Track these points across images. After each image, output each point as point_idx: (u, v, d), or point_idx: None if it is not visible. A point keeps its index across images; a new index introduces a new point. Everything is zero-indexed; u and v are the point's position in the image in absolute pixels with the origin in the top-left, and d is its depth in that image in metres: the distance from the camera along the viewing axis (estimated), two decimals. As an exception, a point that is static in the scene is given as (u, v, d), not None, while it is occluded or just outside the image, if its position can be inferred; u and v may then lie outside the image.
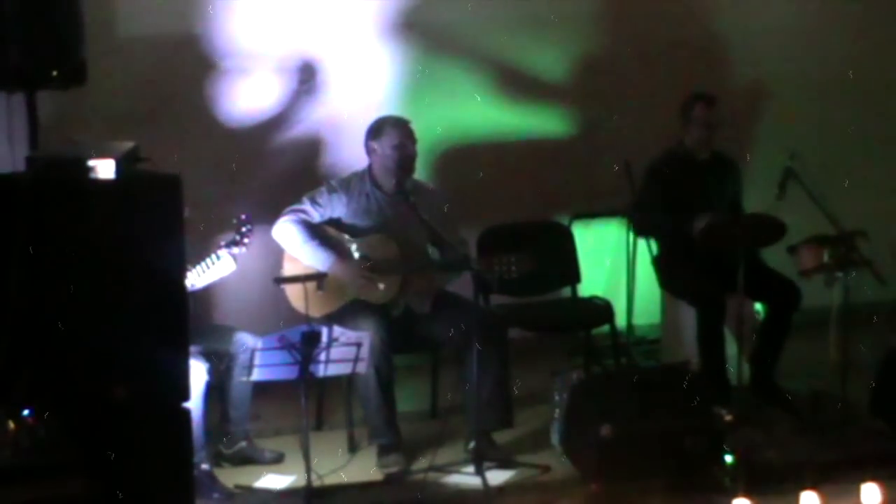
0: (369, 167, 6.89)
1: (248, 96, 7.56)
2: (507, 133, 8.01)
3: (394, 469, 6.52)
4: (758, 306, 7.44)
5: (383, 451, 6.60)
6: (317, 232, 6.75)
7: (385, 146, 6.81)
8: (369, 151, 6.87)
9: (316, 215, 6.79)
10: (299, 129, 7.68)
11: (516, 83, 8.01)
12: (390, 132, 6.82)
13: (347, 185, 6.87)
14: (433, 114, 7.74)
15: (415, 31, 7.80)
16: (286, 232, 6.74)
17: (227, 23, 7.49)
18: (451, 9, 7.82)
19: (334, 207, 6.81)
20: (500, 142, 8.00)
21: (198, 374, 6.13)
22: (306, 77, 7.65)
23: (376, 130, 6.85)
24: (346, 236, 6.77)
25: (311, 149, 7.71)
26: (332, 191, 6.84)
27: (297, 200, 6.83)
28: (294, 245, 6.72)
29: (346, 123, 7.54)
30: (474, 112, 7.93)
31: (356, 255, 6.72)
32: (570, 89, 8.11)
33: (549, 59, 8.07)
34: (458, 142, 7.91)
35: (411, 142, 6.85)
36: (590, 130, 8.12)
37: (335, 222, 6.81)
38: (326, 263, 6.67)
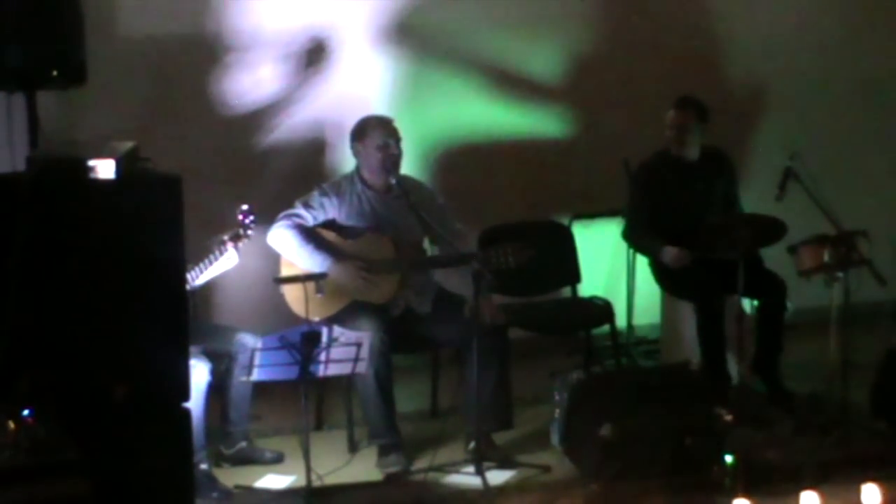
0: (357, 168, 6.88)
1: (248, 96, 7.56)
2: (507, 133, 8.01)
3: (394, 469, 6.52)
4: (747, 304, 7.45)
5: (383, 451, 6.59)
6: (312, 236, 6.73)
7: (369, 147, 6.79)
8: (355, 153, 6.85)
9: (310, 219, 6.77)
10: (300, 128, 7.68)
11: (516, 83, 8.01)
12: (373, 133, 6.80)
13: (338, 187, 6.85)
14: (432, 114, 7.74)
15: (415, 32, 7.80)
16: (281, 237, 6.72)
17: (226, 21, 7.49)
18: (452, 9, 7.82)
19: (327, 211, 6.80)
20: (500, 142, 8.00)
21: (199, 373, 6.13)
22: (314, 59, 7.66)
23: (360, 132, 6.84)
24: (341, 238, 6.76)
25: (312, 148, 7.71)
26: (323, 194, 6.81)
27: (291, 205, 6.81)
28: (290, 250, 6.71)
29: (346, 123, 7.53)
30: (474, 112, 7.92)
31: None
32: (570, 89, 8.10)
33: (550, 59, 8.07)
34: (457, 142, 7.91)
35: (395, 140, 6.82)
36: (589, 130, 8.12)
37: (330, 224, 6.80)
38: (323, 266, 6.65)
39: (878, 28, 8.51)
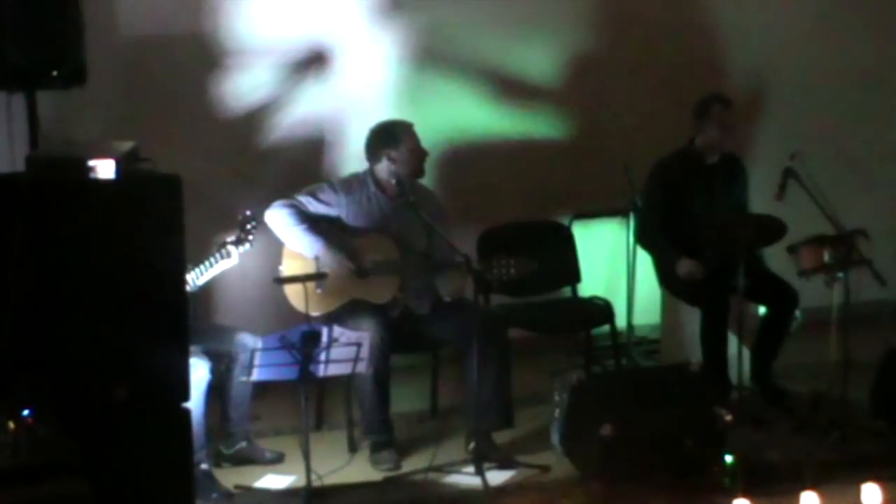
0: (371, 170, 6.86)
1: (248, 95, 7.56)
2: (507, 134, 8.01)
3: (386, 465, 6.52)
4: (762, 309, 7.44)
5: (375, 448, 6.61)
6: (307, 218, 6.72)
7: (404, 151, 6.77)
8: (383, 157, 6.78)
9: (310, 208, 6.76)
10: (299, 129, 7.68)
11: (516, 83, 8.01)
12: (406, 138, 6.79)
13: (349, 186, 6.85)
14: (432, 114, 7.72)
15: (415, 32, 7.80)
16: (276, 215, 6.71)
17: (227, 21, 7.49)
18: (452, 10, 7.82)
19: (334, 206, 6.79)
20: (500, 142, 8.00)
21: (199, 373, 6.12)
22: (313, 60, 7.65)
23: (391, 138, 6.79)
24: (345, 235, 6.76)
25: (312, 149, 7.71)
26: (333, 190, 6.81)
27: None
28: (282, 228, 6.69)
29: (346, 124, 7.54)
30: (474, 112, 7.92)
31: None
32: (570, 90, 8.10)
33: (550, 60, 8.07)
34: (457, 142, 7.91)
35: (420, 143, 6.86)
36: (589, 130, 8.12)
37: (335, 222, 6.80)
38: (315, 248, 6.65)
39: (878, 28, 8.51)
